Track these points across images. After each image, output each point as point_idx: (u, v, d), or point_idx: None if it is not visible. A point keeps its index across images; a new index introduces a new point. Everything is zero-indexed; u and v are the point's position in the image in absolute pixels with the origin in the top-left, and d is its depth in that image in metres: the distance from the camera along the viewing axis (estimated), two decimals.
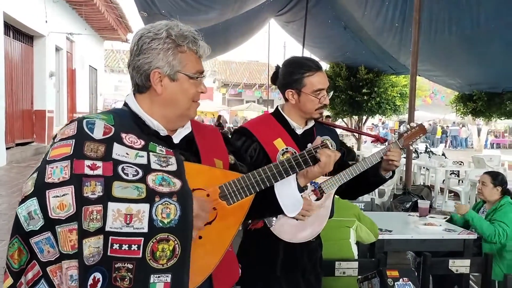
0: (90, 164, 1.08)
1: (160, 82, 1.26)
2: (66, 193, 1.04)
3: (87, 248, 1.03)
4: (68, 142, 1.12)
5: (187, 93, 1.28)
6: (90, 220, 1.03)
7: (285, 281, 1.89)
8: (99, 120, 1.19)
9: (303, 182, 1.40)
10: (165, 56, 1.25)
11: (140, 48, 1.26)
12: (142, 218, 1.06)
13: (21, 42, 10.24)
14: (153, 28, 1.27)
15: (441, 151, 12.40)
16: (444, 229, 3.36)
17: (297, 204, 1.40)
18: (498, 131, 27.53)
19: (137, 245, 1.05)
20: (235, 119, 25.23)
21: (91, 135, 1.14)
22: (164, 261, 1.07)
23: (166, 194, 1.09)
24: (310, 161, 1.33)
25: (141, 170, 1.12)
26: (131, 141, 1.19)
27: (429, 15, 6.15)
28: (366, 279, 1.95)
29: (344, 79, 10.22)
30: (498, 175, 3.63)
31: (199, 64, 1.30)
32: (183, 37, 1.26)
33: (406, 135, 1.99)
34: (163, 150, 1.22)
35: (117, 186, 1.07)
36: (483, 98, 8.36)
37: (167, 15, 6.59)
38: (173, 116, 1.30)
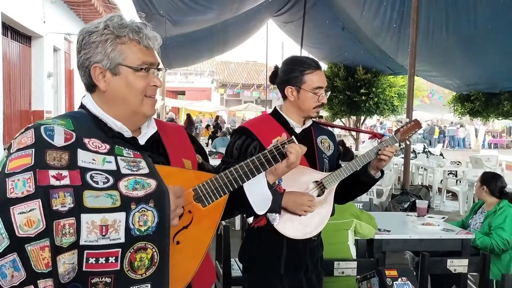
0: (55, 174, 0.99)
1: (103, 78, 1.18)
2: (33, 208, 0.94)
3: (62, 265, 0.95)
4: (27, 152, 1.02)
5: (133, 87, 1.18)
6: (63, 235, 0.95)
7: (288, 280, 1.90)
8: (57, 125, 1.09)
9: (272, 179, 1.37)
10: (103, 49, 1.16)
11: (81, 44, 1.18)
12: (118, 228, 0.99)
13: (19, 43, 10.22)
14: (94, 22, 1.20)
15: (439, 151, 12.43)
16: (442, 229, 3.37)
17: (266, 201, 1.36)
18: (495, 131, 27.59)
19: (115, 257, 0.98)
20: (233, 119, 25.23)
21: (51, 142, 1.04)
22: (143, 271, 1.01)
23: (142, 198, 1.02)
24: (278, 157, 1.29)
25: (111, 176, 1.05)
26: (95, 146, 1.10)
27: (427, 15, 6.17)
28: (365, 279, 1.96)
29: (342, 79, 10.23)
30: (493, 177, 3.65)
31: (146, 55, 1.19)
32: (122, 27, 1.17)
33: (402, 130, 2.04)
34: (130, 153, 1.15)
35: (88, 196, 0.99)
36: (480, 99, 8.39)
37: (165, 16, 6.60)
38: (125, 114, 1.20)
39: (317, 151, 1.99)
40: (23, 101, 10.53)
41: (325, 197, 1.93)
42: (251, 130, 1.92)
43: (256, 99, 28.95)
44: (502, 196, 3.55)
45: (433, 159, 9.15)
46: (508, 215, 3.39)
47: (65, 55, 12.94)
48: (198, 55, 12.19)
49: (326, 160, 2.00)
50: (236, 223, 5.64)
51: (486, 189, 3.56)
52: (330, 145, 2.06)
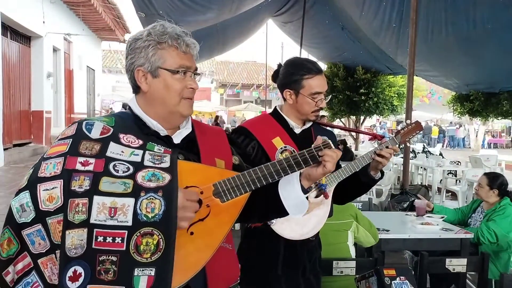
0: (83, 161, 1.13)
1: (145, 80, 1.29)
2: (55, 186, 1.09)
3: (70, 239, 1.05)
4: (66, 141, 1.18)
5: (171, 89, 1.29)
6: (76, 212, 1.06)
7: (285, 280, 1.90)
8: (99, 122, 1.24)
9: (306, 184, 1.37)
10: (145, 53, 1.28)
11: (128, 50, 1.32)
12: (127, 211, 1.07)
13: (18, 43, 10.22)
14: (141, 30, 1.32)
15: (439, 151, 12.44)
16: (441, 228, 3.38)
17: (301, 206, 1.38)
18: (495, 131, 27.61)
19: (121, 238, 1.06)
20: (233, 119, 25.23)
21: (88, 135, 1.19)
22: (148, 255, 1.07)
23: (152, 189, 1.10)
24: (310, 160, 1.29)
25: (132, 167, 1.14)
26: (128, 140, 1.22)
27: (426, 15, 6.17)
28: (363, 278, 1.96)
29: (341, 79, 10.23)
30: (496, 177, 3.62)
31: (183, 59, 1.30)
32: (163, 34, 1.28)
33: (403, 131, 2.03)
34: (161, 149, 1.24)
35: (105, 181, 1.10)
36: (480, 98, 8.39)
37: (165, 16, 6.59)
38: (164, 114, 1.31)
39: None
40: (23, 101, 10.53)
41: (323, 198, 1.93)
42: (250, 130, 1.92)
43: (256, 99, 28.95)
44: (504, 194, 3.55)
45: (433, 159, 9.16)
46: (507, 213, 3.40)
47: (65, 55, 12.94)
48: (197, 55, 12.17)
49: None
50: None
51: (497, 192, 3.54)
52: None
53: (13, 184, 6.88)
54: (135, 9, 6.28)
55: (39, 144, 10.83)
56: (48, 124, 11.34)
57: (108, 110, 20.47)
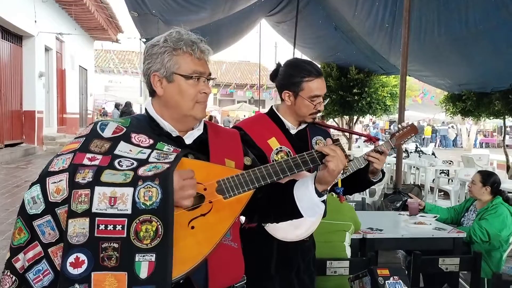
0: (90, 157, 1.21)
1: (160, 85, 1.35)
2: (62, 179, 1.17)
3: (72, 227, 1.11)
4: (79, 140, 1.27)
5: (185, 94, 1.34)
6: (78, 202, 1.12)
7: (279, 281, 1.90)
8: (114, 122, 1.32)
9: (320, 188, 1.38)
10: (161, 59, 1.33)
11: (145, 55, 1.38)
12: (126, 200, 1.12)
13: (10, 42, 10.14)
14: (158, 37, 1.38)
15: (431, 151, 12.50)
16: (434, 228, 3.39)
17: (315, 208, 1.40)
18: (487, 131, 27.82)
19: (121, 225, 1.11)
20: (227, 119, 25.20)
21: (101, 134, 1.28)
22: (148, 241, 1.12)
23: (149, 177, 1.15)
24: (318, 159, 1.32)
25: (137, 162, 1.21)
26: (139, 140, 1.29)
27: (419, 15, 6.20)
28: (357, 278, 1.96)
29: (335, 79, 10.26)
30: (489, 175, 3.65)
31: (196, 65, 1.35)
32: (179, 40, 1.33)
33: (398, 134, 2.04)
34: (171, 148, 1.29)
35: (106, 173, 1.16)
36: (472, 98, 8.44)
37: (158, 15, 6.57)
38: (178, 117, 1.37)
39: None
40: (14, 101, 10.45)
41: None
42: (245, 130, 1.91)
43: (250, 99, 28.94)
44: (496, 193, 3.58)
45: (425, 158, 9.20)
46: (499, 212, 3.42)
47: (57, 54, 12.85)
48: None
49: None
50: None
51: (489, 189, 3.57)
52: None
53: (4, 184, 6.82)
54: (128, 9, 6.25)
55: (31, 144, 10.75)
56: (40, 124, 11.26)
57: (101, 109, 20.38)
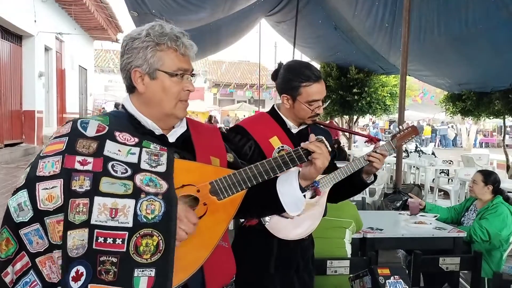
0: (81, 160, 1.13)
1: (142, 81, 1.28)
2: (55, 185, 1.09)
3: (71, 240, 1.05)
4: (62, 140, 1.17)
5: (169, 92, 1.28)
6: (76, 212, 1.06)
7: (278, 279, 1.90)
8: (94, 120, 1.24)
9: (303, 183, 1.39)
10: (144, 54, 1.26)
11: (124, 49, 1.30)
12: (127, 212, 1.08)
13: (9, 42, 10.13)
14: (138, 29, 1.30)
15: (431, 150, 12.50)
16: (434, 227, 3.39)
17: (299, 204, 1.39)
18: (486, 131, 27.81)
19: (121, 239, 1.07)
20: (226, 119, 25.20)
21: (84, 133, 1.19)
22: (148, 256, 1.08)
23: (152, 193, 1.12)
24: (304, 157, 1.31)
25: (130, 168, 1.15)
26: (124, 138, 1.22)
27: (419, 15, 6.20)
28: (357, 277, 1.96)
29: (334, 79, 10.25)
30: (490, 174, 3.65)
31: (181, 62, 1.29)
32: (162, 35, 1.27)
33: (399, 135, 2.04)
34: (157, 147, 1.24)
35: (105, 182, 1.10)
36: (472, 98, 8.43)
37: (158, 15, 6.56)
38: (160, 116, 1.31)
39: None
40: (14, 101, 10.44)
41: (318, 199, 1.93)
42: (247, 129, 1.91)
43: (249, 99, 28.93)
44: (496, 192, 3.58)
45: (425, 158, 9.21)
46: (499, 211, 3.42)
47: (57, 54, 12.84)
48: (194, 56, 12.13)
49: None
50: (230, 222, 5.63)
51: (491, 188, 3.57)
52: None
53: (4, 184, 6.81)
54: (128, 8, 6.25)
55: (31, 144, 10.74)
56: (39, 124, 11.25)
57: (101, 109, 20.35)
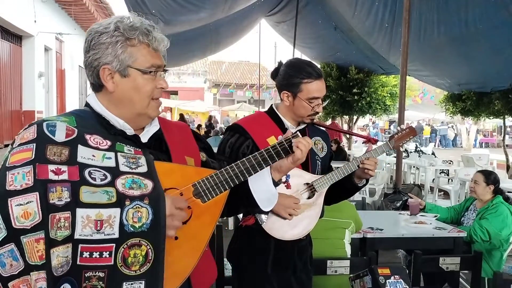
0: (55, 169, 1.02)
1: (111, 79, 1.19)
2: (31, 200, 0.97)
3: (56, 258, 0.97)
4: (29, 147, 1.05)
5: (141, 90, 1.19)
6: (58, 228, 0.98)
7: (276, 279, 1.90)
8: (60, 122, 1.12)
9: (277, 176, 1.35)
10: (113, 50, 1.17)
11: (90, 44, 1.19)
12: (113, 223, 1.01)
13: (9, 42, 10.13)
14: (104, 22, 1.20)
15: (431, 150, 12.51)
16: (434, 227, 3.39)
17: (272, 198, 1.35)
18: (486, 131, 27.81)
19: (109, 252, 1.00)
20: (226, 119, 25.20)
21: (52, 138, 1.07)
22: (137, 267, 1.02)
23: (137, 197, 1.04)
24: (282, 153, 1.27)
25: (109, 173, 1.07)
26: (96, 142, 1.12)
27: (418, 15, 6.20)
28: (358, 277, 1.96)
29: (334, 79, 10.26)
30: (490, 174, 3.66)
31: (154, 58, 1.21)
32: (133, 29, 1.18)
33: (397, 136, 2.04)
34: (131, 150, 1.16)
35: (85, 191, 1.01)
36: (472, 98, 8.44)
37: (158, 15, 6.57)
38: (130, 115, 1.22)
39: (310, 152, 1.99)
40: (14, 101, 10.44)
41: (315, 199, 1.93)
42: (245, 129, 1.90)
43: (249, 99, 28.93)
44: (497, 192, 3.58)
45: (425, 158, 9.21)
46: (499, 211, 3.42)
47: (57, 54, 12.85)
48: (190, 55, 12.16)
49: (319, 161, 2.00)
50: (229, 223, 5.63)
51: (492, 188, 3.57)
52: (323, 147, 2.06)
53: None
54: (128, 9, 6.26)
55: None
56: None
57: None
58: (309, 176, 1.92)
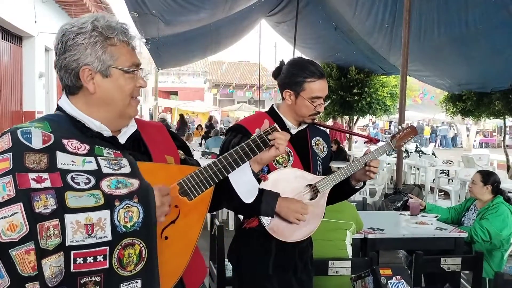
0: (36, 177, 0.98)
1: (92, 80, 1.16)
2: (15, 212, 0.93)
3: (48, 269, 0.94)
4: (5, 156, 1.00)
5: (123, 89, 1.19)
6: (48, 237, 0.94)
7: (277, 280, 1.90)
8: (34, 128, 1.08)
9: (256, 168, 1.38)
10: (93, 51, 1.14)
11: (65, 45, 1.15)
12: (104, 226, 0.98)
13: (10, 43, 10.13)
14: (77, 22, 1.17)
15: (431, 151, 12.51)
16: (435, 227, 3.39)
17: (253, 190, 1.38)
18: (486, 131, 27.80)
19: (103, 256, 0.98)
20: (227, 119, 25.20)
21: (29, 145, 1.03)
22: (132, 267, 1.02)
23: (126, 195, 1.03)
24: (262, 146, 1.28)
25: (92, 176, 1.04)
26: (74, 146, 1.09)
27: (419, 15, 6.20)
28: (359, 278, 1.96)
29: (335, 79, 10.26)
30: (489, 174, 3.66)
31: (133, 57, 1.21)
32: (111, 28, 1.16)
33: (398, 136, 2.04)
34: (111, 152, 1.14)
35: (70, 196, 0.98)
36: (472, 98, 8.44)
37: (158, 15, 6.58)
38: (112, 116, 1.20)
39: (311, 153, 1.99)
40: (14, 101, 10.44)
41: (318, 201, 1.93)
42: (248, 128, 1.90)
43: (249, 99, 28.92)
44: (497, 193, 3.58)
45: (425, 158, 9.21)
46: (500, 211, 3.42)
47: None
48: (190, 55, 12.16)
49: (319, 162, 2.00)
50: (230, 223, 5.63)
51: (490, 188, 3.57)
52: (324, 147, 2.06)
53: None
54: (128, 9, 6.26)
55: None
56: None
57: None
58: (311, 177, 1.92)
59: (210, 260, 3.29)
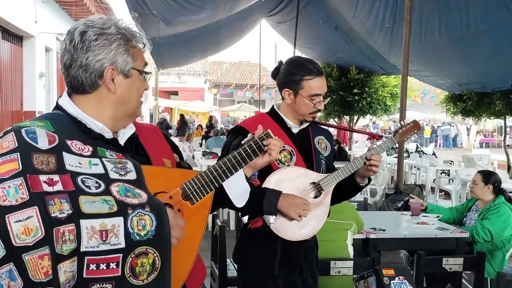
0: (47, 179, 0.97)
1: (112, 80, 1.19)
2: (30, 215, 0.91)
3: (63, 274, 0.93)
4: (13, 157, 0.97)
5: (139, 90, 1.24)
6: (63, 242, 0.93)
7: (282, 280, 1.90)
8: (38, 128, 1.06)
9: (249, 172, 1.44)
10: (118, 52, 1.18)
11: (88, 45, 1.15)
12: (118, 232, 0.98)
13: (10, 43, 10.13)
14: (97, 24, 1.18)
15: (432, 151, 12.51)
16: (436, 227, 3.39)
17: (244, 194, 1.42)
18: (487, 131, 27.81)
19: (116, 263, 0.97)
20: (227, 119, 25.20)
21: (36, 145, 1.01)
22: (145, 277, 1.00)
23: (137, 205, 1.03)
24: (257, 151, 1.32)
25: (101, 181, 1.04)
26: (78, 148, 1.08)
27: (420, 15, 6.20)
28: (362, 278, 1.96)
29: (335, 79, 10.26)
30: (490, 174, 3.66)
31: (145, 60, 1.27)
32: (131, 31, 1.23)
33: (401, 131, 2.03)
34: (113, 154, 1.14)
35: (84, 201, 0.98)
36: (472, 98, 8.44)
37: (158, 16, 6.57)
38: (122, 116, 1.23)
39: (314, 152, 1.99)
40: (15, 101, 10.44)
41: (322, 199, 1.92)
42: (248, 130, 1.90)
43: (249, 99, 28.93)
44: (498, 192, 3.58)
45: (426, 158, 9.21)
46: (501, 212, 3.42)
47: (57, 55, 12.84)
48: (191, 55, 12.17)
49: (323, 160, 2.00)
50: (231, 223, 5.63)
51: (491, 188, 3.57)
52: (327, 146, 2.06)
53: None
54: (128, 9, 6.26)
55: None
56: None
57: None
58: (315, 175, 1.92)
59: (212, 261, 3.29)
